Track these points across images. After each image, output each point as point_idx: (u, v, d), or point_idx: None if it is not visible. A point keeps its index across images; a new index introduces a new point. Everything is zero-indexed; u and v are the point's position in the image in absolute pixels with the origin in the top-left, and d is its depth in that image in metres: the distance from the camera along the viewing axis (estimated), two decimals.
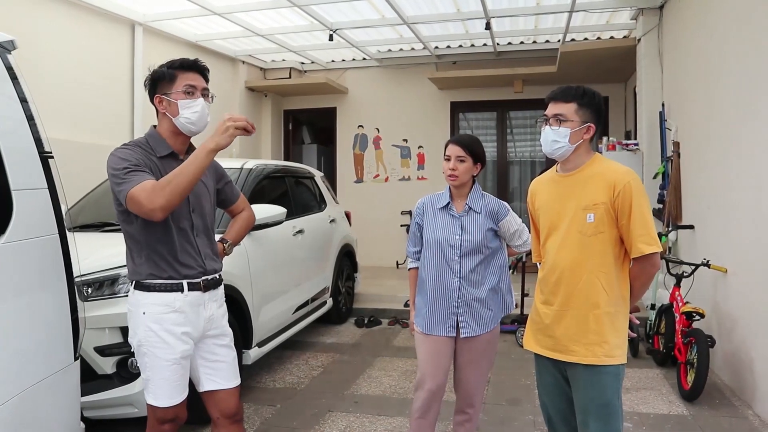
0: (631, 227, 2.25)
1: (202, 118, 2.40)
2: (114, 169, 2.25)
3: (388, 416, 4.09)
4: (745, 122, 4.30)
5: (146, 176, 2.22)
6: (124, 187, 2.19)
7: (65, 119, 6.07)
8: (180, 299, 2.37)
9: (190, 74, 2.40)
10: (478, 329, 2.91)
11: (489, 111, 10.02)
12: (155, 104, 2.43)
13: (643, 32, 6.81)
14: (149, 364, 2.37)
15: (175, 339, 2.36)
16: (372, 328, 6.67)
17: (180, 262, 2.38)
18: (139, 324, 2.37)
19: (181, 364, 2.39)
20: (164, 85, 2.39)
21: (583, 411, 2.34)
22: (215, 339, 2.51)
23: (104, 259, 3.59)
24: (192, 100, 2.37)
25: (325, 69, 10.12)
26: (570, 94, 2.34)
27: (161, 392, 2.36)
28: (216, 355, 2.51)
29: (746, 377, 4.27)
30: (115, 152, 2.31)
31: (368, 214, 9.55)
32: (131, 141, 2.43)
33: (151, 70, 2.45)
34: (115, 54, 6.88)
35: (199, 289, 2.43)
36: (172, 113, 2.39)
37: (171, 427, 2.43)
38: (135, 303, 2.40)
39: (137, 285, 2.39)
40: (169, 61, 2.43)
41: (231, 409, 2.53)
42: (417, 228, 3.08)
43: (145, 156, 2.34)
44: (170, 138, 2.44)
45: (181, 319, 2.37)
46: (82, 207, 4.85)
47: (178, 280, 2.37)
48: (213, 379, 2.51)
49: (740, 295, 4.43)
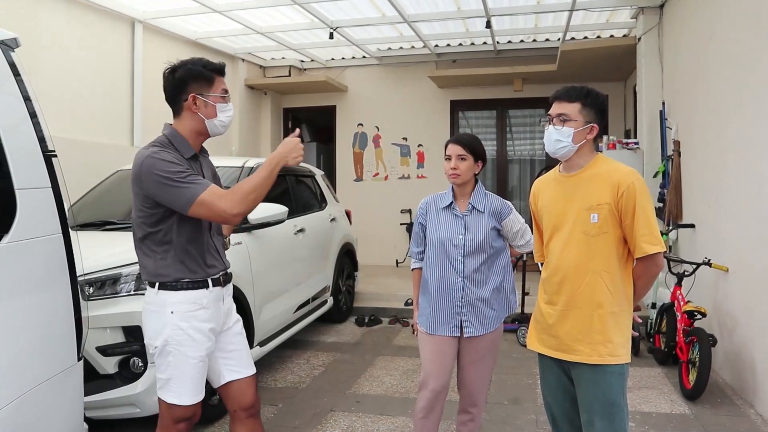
0: (635, 227, 2.25)
1: (230, 122, 2.52)
2: (166, 172, 2.26)
3: (390, 416, 4.09)
4: (746, 120, 4.30)
5: (207, 181, 2.32)
6: (191, 192, 2.24)
7: (64, 116, 6.05)
8: (206, 296, 2.44)
9: (223, 78, 2.48)
10: (482, 329, 2.91)
11: (489, 109, 10.01)
12: (187, 102, 2.40)
13: (644, 31, 6.81)
14: (174, 363, 2.37)
15: (202, 336, 2.41)
16: (373, 327, 6.66)
17: (206, 260, 2.47)
18: (166, 324, 2.37)
19: (205, 362, 2.44)
20: (201, 86, 2.41)
21: (588, 410, 2.34)
22: (231, 329, 2.59)
23: (106, 258, 3.59)
24: (227, 104, 2.46)
25: (324, 67, 10.10)
26: (574, 94, 2.34)
27: (185, 390, 2.39)
28: (232, 344, 2.58)
29: (748, 376, 4.27)
30: (154, 154, 2.30)
31: (368, 212, 9.53)
32: (157, 141, 2.42)
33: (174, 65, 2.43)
34: (115, 51, 6.86)
35: (220, 284, 2.51)
36: (206, 114, 2.42)
37: (186, 427, 2.45)
38: (160, 303, 2.39)
39: (162, 285, 2.39)
40: (201, 60, 2.44)
41: (248, 400, 2.58)
42: (420, 228, 3.07)
43: (178, 157, 2.37)
44: (191, 137, 2.46)
45: (207, 315, 2.44)
46: (82, 205, 4.83)
47: (204, 278, 2.44)
48: (232, 368, 2.56)
49: (741, 293, 4.43)
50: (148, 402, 3.40)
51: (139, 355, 3.41)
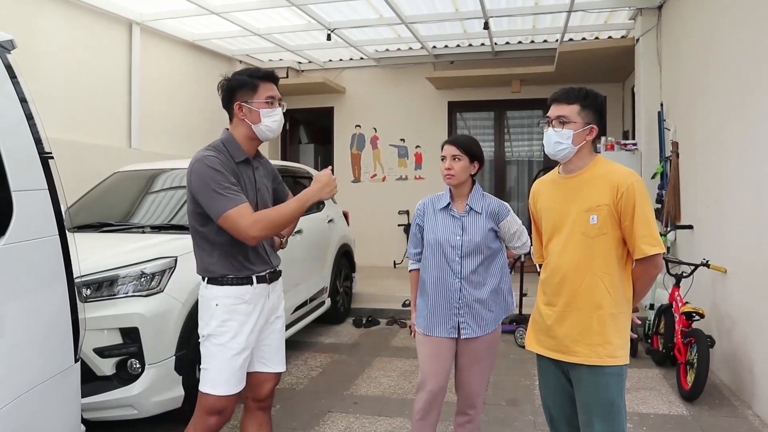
0: (635, 229, 2.25)
1: (280, 127, 2.59)
2: (209, 179, 2.39)
3: (388, 417, 4.08)
4: (745, 121, 4.30)
5: (242, 197, 2.41)
6: (222, 205, 2.37)
7: (61, 118, 6.04)
8: (250, 291, 2.54)
9: (269, 84, 2.57)
10: (479, 330, 2.90)
11: (486, 111, 10.02)
12: (234, 110, 2.55)
13: (642, 32, 6.82)
14: (214, 353, 2.49)
15: (243, 329, 2.50)
16: (370, 328, 6.66)
17: (250, 260, 2.55)
18: (212, 315, 2.51)
19: (243, 355, 2.52)
20: (246, 93, 2.53)
21: (586, 411, 2.34)
22: (272, 324, 2.69)
23: (103, 260, 3.58)
24: (273, 110, 2.55)
25: (322, 69, 10.11)
26: (573, 95, 2.34)
27: (221, 380, 2.47)
28: (268, 339, 2.68)
29: (745, 377, 4.27)
30: (204, 159, 2.43)
31: (365, 214, 9.53)
32: (212, 145, 2.55)
33: (225, 77, 2.60)
34: (112, 53, 6.86)
35: (266, 282, 2.61)
36: (252, 120, 2.54)
37: (218, 421, 2.52)
38: (208, 296, 2.53)
39: (210, 280, 2.54)
40: (248, 69, 2.59)
41: (263, 393, 2.70)
42: (418, 229, 3.07)
43: (228, 161, 2.49)
44: (245, 142, 2.59)
45: (250, 310, 2.54)
46: (80, 207, 4.82)
47: (249, 275, 2.54)
48: (261, 360, 2.67)
49: (739, 295, 4.44)
50: (146, 403, 3.40)
51: (136, 357, 3.40)
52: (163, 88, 7.68)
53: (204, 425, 2.51)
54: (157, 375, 3.44)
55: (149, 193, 4.87)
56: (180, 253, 3.76)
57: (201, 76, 8.52)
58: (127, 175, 5.21)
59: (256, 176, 2.63)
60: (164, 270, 3.63)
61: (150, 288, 3.53)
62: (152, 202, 4.78)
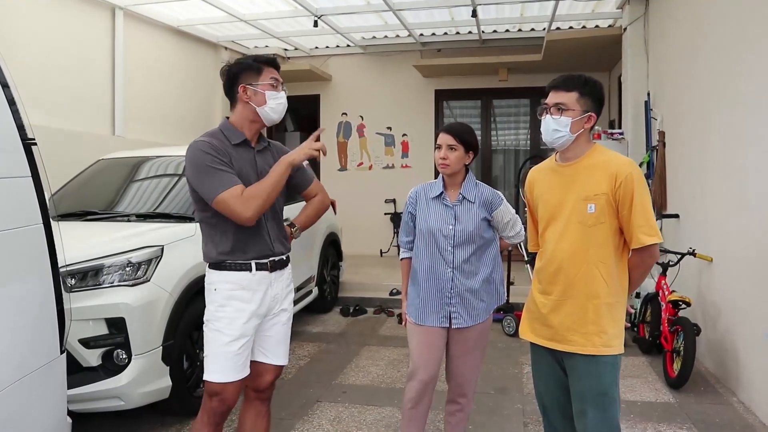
0: (632, 218, 2.24)
1: (284, 110, 2.62)
2: (200, 163, 2.41)
3: (377, 406, 4.07)
4: (731, 111, 4.32)
5: (233, 179, 2.41)
6: (215, 188, 2.39)
7: (43, 105, 5.92)
8: (248, 278, 2.54)
9: (272, 69, 2.61)
10: (470, 320, 2.89)
11: (473, 99, 10.00)
12: (238, 93, 2.57)
13: (629, 21, 6.82)
14: (211, 339, 2.52)
15: (240, 315, 2.51)
16: (358, 317, 6.65)
17: (250, 246, 2.54)
18: (212, 301, 2.54)
19: (240, 342, 2.50)
20: (250, 76, 2.56)
21: (580, 400, 2.34)
22: (277, 316, 2.68)
23: (88, 249, 3.51)
24: (277, 92, 2.58)
25: (308, 56, 10.01)
26: (572, 83, 2.32)
27: (216, 367, 2.49)
28: (270, 330, 2.67)
29: (730, 365, 4.32)
30: (196, 144, 2.47)
31: (352, 202, 9.49)
32: (208, 132, 2.58)
33: (228, 63, 2.63)
34: (95, 39, 6.72)
35: (266, 269, 2.59)
36: (257, 102, 2.55)
37: (219, 404, 2.52)
38: (209, 280, 2.57)
39: (211, 265, 2.57)
40: (252, 56, 2.63)
41: (263, 384, 2.69)
42: (409, 217, 3.04)
43: (221, 144, 2.50)
44: (245, 126, 2.60)
45: (249, 297, 2.53)
46: (63, 195, 4.74)
47: (247, 261, 2.54)
48: (262, 350, 2.67)
49: (725, 283, 4.48)
50: (133, 394, 3.35)
51: (122, 347, 3.35)
52: (147, 75, 7.55)
53: (207, 410, 2.54)
54: (144, 365, 3.39)
55: (134, 181, 4.79)
56: (167, 241, 3.71)
57: (186, 62, 8.40)
58: (112, 162, 5.12)
59: (257, 159, 2.62)
60: (151, 259, 3.57)
61: (136, 277, 3.47)
62: (137, 190, 4.70)
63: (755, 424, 3.76)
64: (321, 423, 3.82)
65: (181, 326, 3.66)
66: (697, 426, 3.74)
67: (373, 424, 3.80)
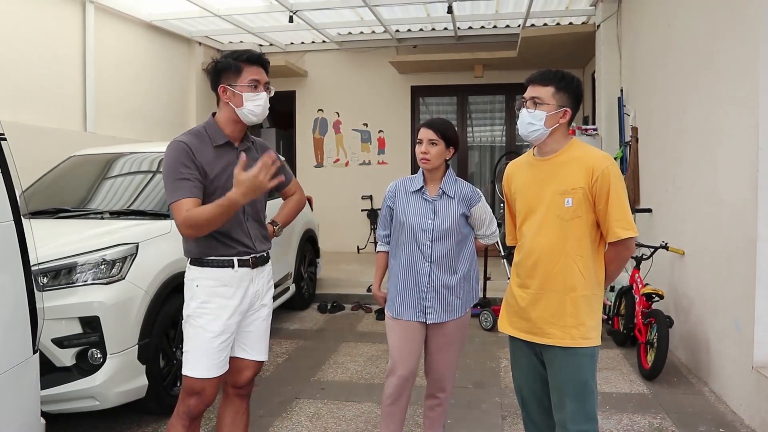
0: (609, 212, 2.27)
1: (264, 111, 2.58)
2: (168, 167, 2.40)
3: (355, 402, 4.07)
4: (702, 106, 4.40)
5: (191, 190, 2.37)
6: (170, 195, 2.39)
7: (13, 100, 5.79)
8: (230, 274, 2.52)
9: (255, 68, 2.54)
10: (445, 316, 2.90)
11: (449, 96, 10.03)
12: (218, 93, 2.54)
13: (603, 18, 6.90)
14: (193, 335, 2.49)
15: (222, 312, 2.49)
16: (335, 314, 6.63)
17: (231, 243, 2.53)
18: (193, 296, 2.51)
19: (221, 338, 2.49)
20: (230, 76, 2.51)
21: (559, 392, 2.36)
22: (257, 312, 2.67)
23: (60, 247, 3.45)
24: (256, 94, 2.52)
25: (284, 51, 9.93)
26: (548, 77, 2.34)
27: (197, 363, 2.47)
28: (251, 326, 2.66)
29: (702, 356, 4.41)
30: (172, 144, 2.45)
31: (329, 199, 9.47)
32: (192, 129, 2.56)
33: (214, 59, 2.58)
34: (66, 33, 6.58)
35: (248, 266, 2.57)
36: (235, 104, 2.51)
37: (196, 402, 2.50)
38: (190, 276, 2.54)
39: (192, 261, 2.54)
40: (234, 52, 2.54)
41: (242, 380, 2.67)
42: (388, 211, 3.03)
43: (200, 145, 2.47)
44: (228, 125, 2.56)
45: (231, 293, 2.52)
46: (34, 192, 4.64)
47: (229, 257, 2.51)
48: (242, 346, 2.65)
49: (696, 275, 4.56)
50: (108, 394, 3.30)
51: (97, 347, 3.29)
52: (119, 71, 7.42)
53: (185, 406, 2.51)
54: (119, 365, 3.34)
55: (107, 178, 4.70)
56: (141, 239, 3.65)
57: (159, 58, 8.27)
58: (84, 159, 5.03)
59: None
60: (125, 257, 3.52)
61: (111, 276, 3.42)
62: (111, 187, 4.62)
63: (726, 412, 3.85)
64: (300, 420, 3.80)
65: (157, 324, 3.61)
66: (671, 416, 3.81)
67: (352, 420, 3.80)
